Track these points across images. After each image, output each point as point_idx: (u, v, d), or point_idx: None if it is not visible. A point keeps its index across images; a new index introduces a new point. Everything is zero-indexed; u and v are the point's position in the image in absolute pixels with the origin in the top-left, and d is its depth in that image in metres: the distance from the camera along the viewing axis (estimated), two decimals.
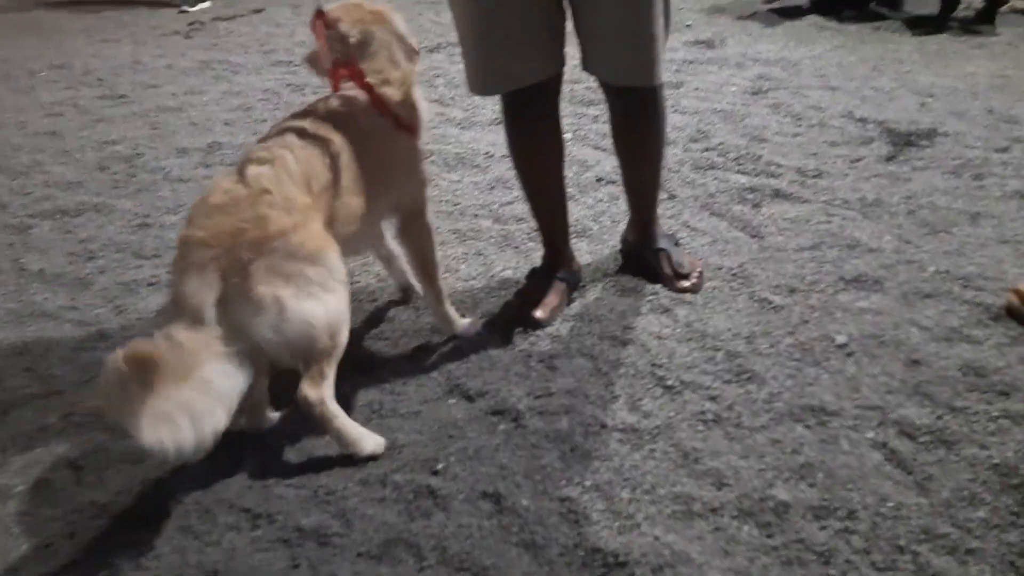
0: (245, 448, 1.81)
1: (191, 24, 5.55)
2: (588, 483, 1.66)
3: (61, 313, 2.35)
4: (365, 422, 1.86)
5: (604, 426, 1.80)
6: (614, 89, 2.05)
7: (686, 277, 2.25)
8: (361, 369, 2.04)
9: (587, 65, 1.99)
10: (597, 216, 2.69)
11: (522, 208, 2.55)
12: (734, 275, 2.30)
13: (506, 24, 1.91)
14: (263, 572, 1.52)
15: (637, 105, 2.07)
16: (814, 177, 2.83)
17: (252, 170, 1.67)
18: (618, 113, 2.11)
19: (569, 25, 1.97)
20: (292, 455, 1.79)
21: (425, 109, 2.01)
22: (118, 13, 6.02)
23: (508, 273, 2.42)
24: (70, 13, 6.21)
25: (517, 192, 2.70)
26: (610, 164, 2.97)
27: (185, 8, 5.10)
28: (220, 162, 3.27)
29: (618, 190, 2.84)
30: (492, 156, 3.15)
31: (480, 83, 2.04)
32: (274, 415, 1.89)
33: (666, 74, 2.11)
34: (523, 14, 1.91)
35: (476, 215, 2.76)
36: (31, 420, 1.94)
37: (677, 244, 2.36)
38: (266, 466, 1.76)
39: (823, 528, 1.52)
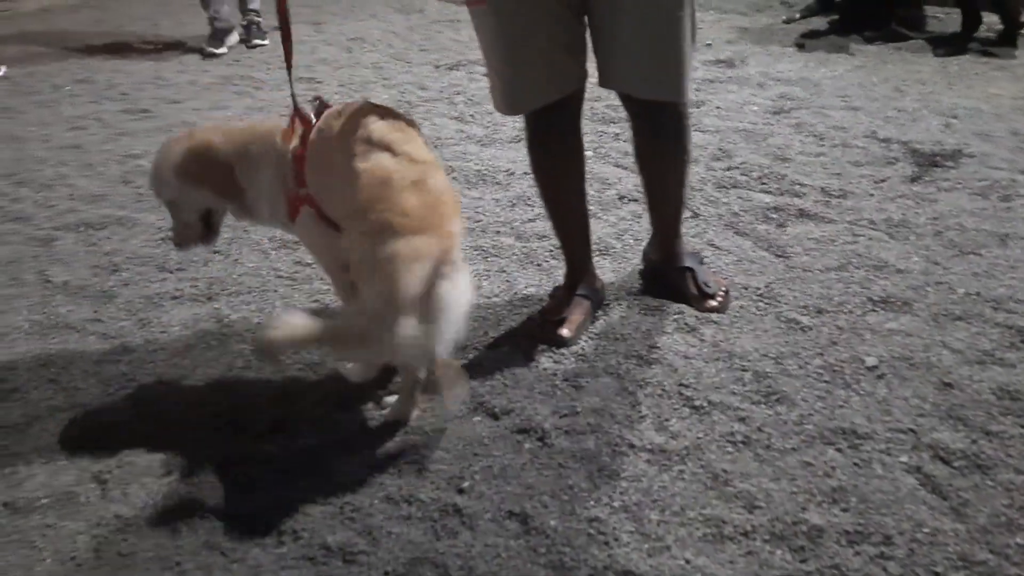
0: (269, 464, 1.80)
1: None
2: (616, 504, 1.64)
3: (85, 325, 2.36)
4: (389, 439, 1.85)
5: (632, 446, 1.78)
6: (638, 104, 2.01)
7: (712, 296, 2.22)
8: (383, 386, 2.03)
9: (608, 80, 1.97)
10: (620, 234, 2.68)
11: (544, 225, 2.54)
12: (760, 295, 2.28)
13: (530, 42, 1.91)
14: None
15: (663, 121, 2.04)
16: (839, 197, 2.81)
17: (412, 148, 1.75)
18: (643, 130, 2.08)
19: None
20: (317, 471, 1.77)
21: None
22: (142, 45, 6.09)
23: (531, 291, 2.41)
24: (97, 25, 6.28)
25: (539, 209, 2.70)
26: (632, 182, 2.96)
27: (211, 51, 5.07)
28: None
29: (640, 208, 2.84)
30: (513, 173, 3.15)
31: (508, 102, 2.04)
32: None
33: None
34: (547, 31, 1.91)
35: (498, 232, 2.75)
36: (54, 432, 1.94)
37: (702, 263, 2.33)
38: (291, 482, 1.75)
39: (858, 554, 1.49)
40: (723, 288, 2.26)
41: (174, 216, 2.00)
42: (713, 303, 2.21)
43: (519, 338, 2.19)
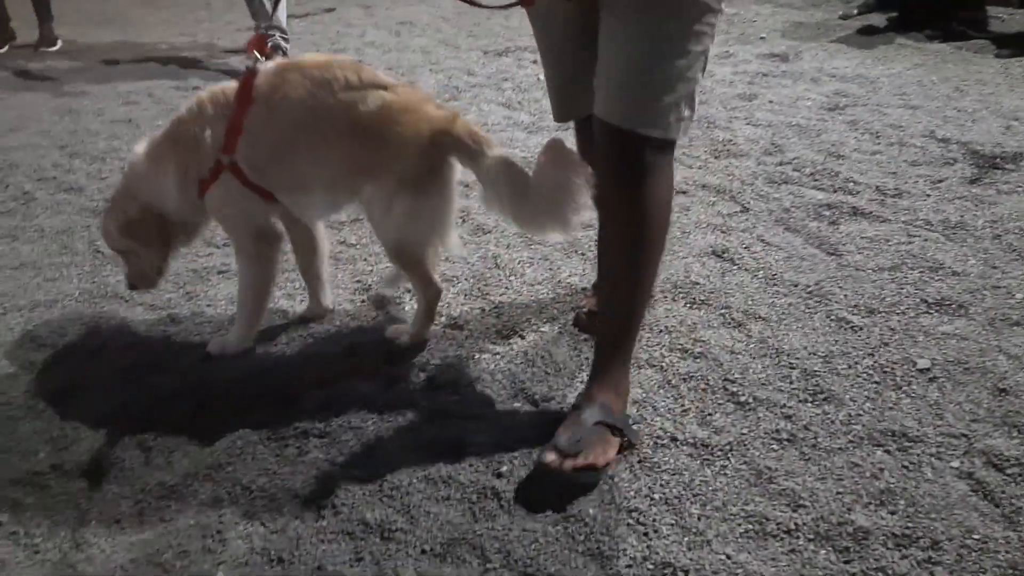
0: (313, 439, 1.81)
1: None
2: (656, 496, 1.62)
3: (133, 296, 2.39)
4: (428, 421, 1.85)
5: (674, 439, 1.75)
6: (602, 134, 1.63)
7: (575, 456, 1.63)
8: (427, 367, 2.03)
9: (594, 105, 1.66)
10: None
11: (590, 215, 2.52)
12: (810, 292, 2.23)
13: (563, 59, 1.85)
14: (327, 563, 1.51)
15: (626, 165, 1.62)
16: (894, 196, 2.74)
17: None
18: (600, 176, 1.67)
19: None
20: (357, 448, 1.78)
21: None
22: (194, 11, 6.17)
23: (574, 279, 2.39)
24: (150, 7, 6.38)
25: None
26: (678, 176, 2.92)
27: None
28: None
29: (689, 200, 2.80)
30: None
31: (554, 112, 1.99)
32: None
33: (737, 86, 2.02)
34: (574, 51, 1.79)
35: None
36: (100, 399, 1.97)
37: (631, 443, 1.72)
38: (332, 458, 1.75)
39: (905, 557, 1.45)
40: (601, 460, 1.65)
41: (128, 263, 2.15)
42: (569, 462, 1.62)
43: (562, 327, 2.17)
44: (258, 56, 2.04)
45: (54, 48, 5.16)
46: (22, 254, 2.65)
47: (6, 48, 5.16)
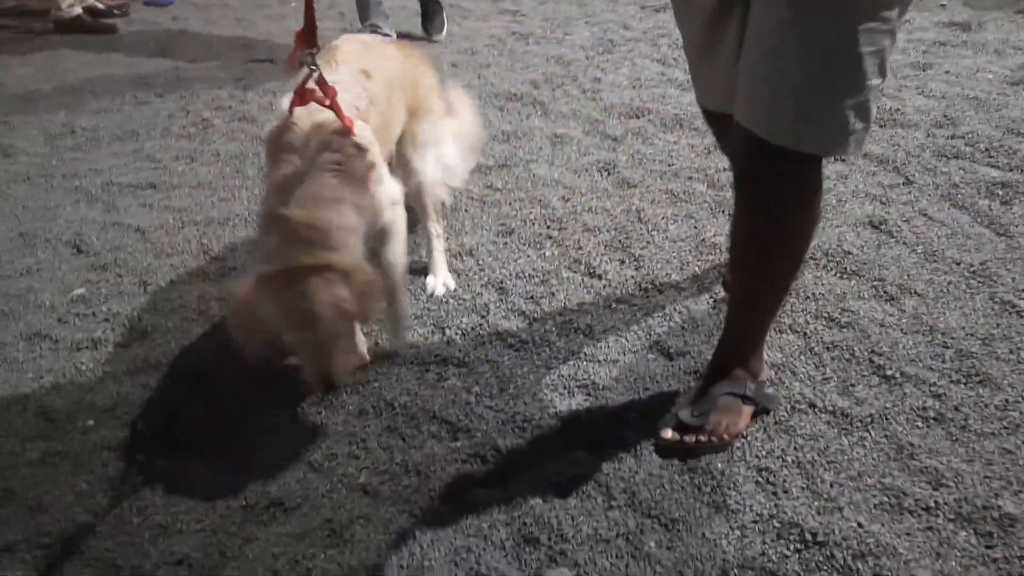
0: (450, 367, 1.89)
1: None
2: (789, 459, 1.60)
3: None
4: (562, 361, 1.89)
5: (812, 405, 1.72)
6: (741, 140, 1.46)
7: (698, 431, 1.63)
8: (564, 312, 2.07)
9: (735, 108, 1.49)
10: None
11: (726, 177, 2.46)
12: (973, 272, 2.11)
13: (693, 35, 1.62)
14: (458, 481, 1.59)
15: (772, 177, 1.46)
16: None
17: None
18: (745, 190, 1.53)
19: None
20: (493, 380, 1.85)
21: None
22: None
23: (719, 239, 2.35)
24: None
25: None
26: None
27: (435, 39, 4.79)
28: None
29: (848, 169, 2.68)
30: None
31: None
32: None
33: (910, 54, 1.82)
34: (703, 41, 1.58)
35: (690, 178, 2.70)
36: None
37: (766, 408, 1.69)
38: (468, 386, 1.83)
39: None
40: (723, 434, 1.63)
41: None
42: (691, 437, 1.62)
43: (702, 284, 2.15)
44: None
45: None
46: (199, 175, 2.87)
47: None
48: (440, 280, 2.19)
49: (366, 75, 1.85)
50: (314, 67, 1.64)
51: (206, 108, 3.44)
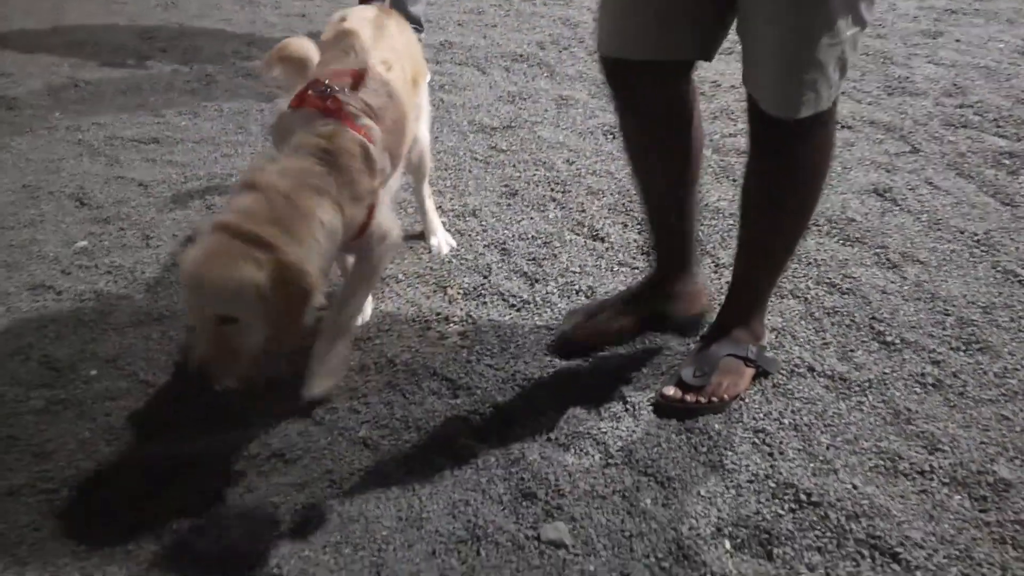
0: (451, 324, 1.90)
1: None
2: (786, 421, 1.61)
3: None
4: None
5: (811, 369, 1.73)
6: (758, 119, 1.51)
7: (699, 391, 1.65)
8: (566, 274, 2.07)
9: (744, 79, 1.52)
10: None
11: (744, 142, 2.45)
12: (977, 241, 2.10)
13: None
14: (456, 436, 1.60)
15: (783, 139, 1.50)
16: None
17: None
18: (756, 145, 1.57)
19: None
20: (494, 339, 1.85)
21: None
22: None
23: (722, 204, 2.35)
24: None
25: (742, 124, 2.59)
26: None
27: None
28: (451, 60, 3.37)
29: (854, 136, 2.66)
30: (720, 85, 3.04)
31: (602, 41, 1.64)
32: None
33: (921, 22, 1.84)
34: None
35: None
36: None
37: (765, 371, 1.71)
38: (470, 345, 1.84)
39: None
40: (724, 394, 1.65)
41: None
42: (692, 396, 1.64)
43: (704, 249, 2.15)
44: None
45: None
46: (202, 130, 2.85)
47: None
48: (443, 239, 2.19)
49: (387, 66, 1.72)
50: (338, 94, 1.57)
51: (209, 64, 3.41)
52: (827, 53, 1.38)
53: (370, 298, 1.92)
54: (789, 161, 1.54)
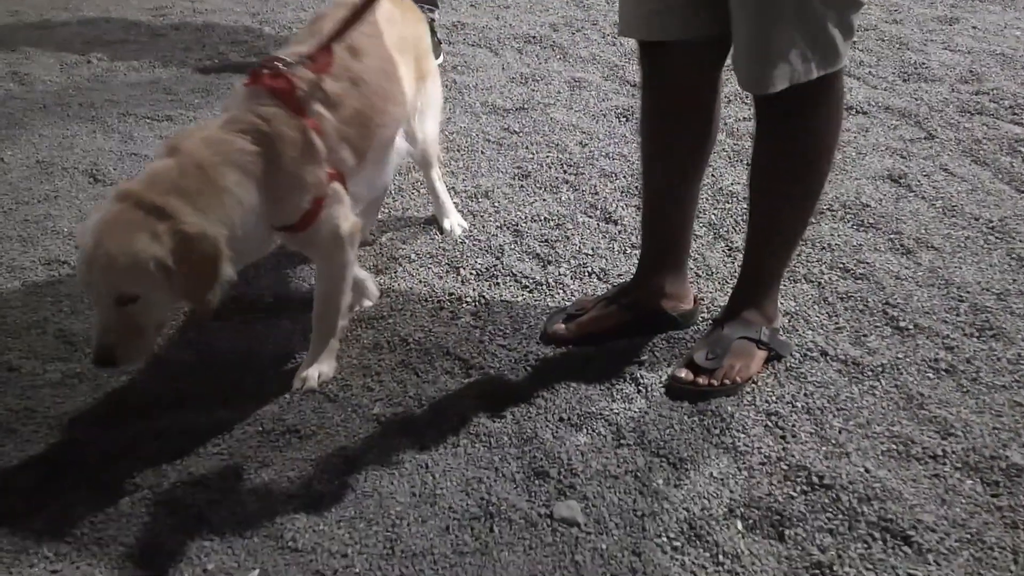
0: (464, 304, 1.91)
1: None
2: (799, 405, 1.61)
3: None
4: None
5: (824, 353, 1.73)
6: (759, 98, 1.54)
7: (711, 374, 1.64)
8: (578, 256, 2.07)
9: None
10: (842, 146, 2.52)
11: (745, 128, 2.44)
12: (992, 228, 2.10)
13: None
14: (470, 416, 1.61)
15: (782, 116, 1.52)
16: None
17: None
18: (759, 124, 1.60)
19: None
20: (506, 319, 1.86)
21: None
22: None
23: (736, 188, 2.34)
24: None
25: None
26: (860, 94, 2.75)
27: None
28: (463, 40, 3.35)
29: (869, 121, 2.65)
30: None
31: (623, 23, 1.65)
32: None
33: (937, 7, 1.81)
34: None
35: None
36: None
37: (778, 355, 1.70)
38: (482, 325, 1.84)
39: None
40: (738, 378, 1.65)
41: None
42: (704, 379, 1.64)
43: (718, 233, 2.15)
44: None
45: None
46: (215, 108, 2.85)
47: None
48: (456, 221, 2.19)
49: (352, 53, 1.64)
50: (282, 64, 1.53)
51: (222, 42, 3.40)
52: (794, 26, 1.39)
53: (372, 278, 1.92)
54: (791, 138, 1.56)
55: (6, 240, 2.14)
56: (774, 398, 1.63)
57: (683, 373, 1.66)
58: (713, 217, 2.21)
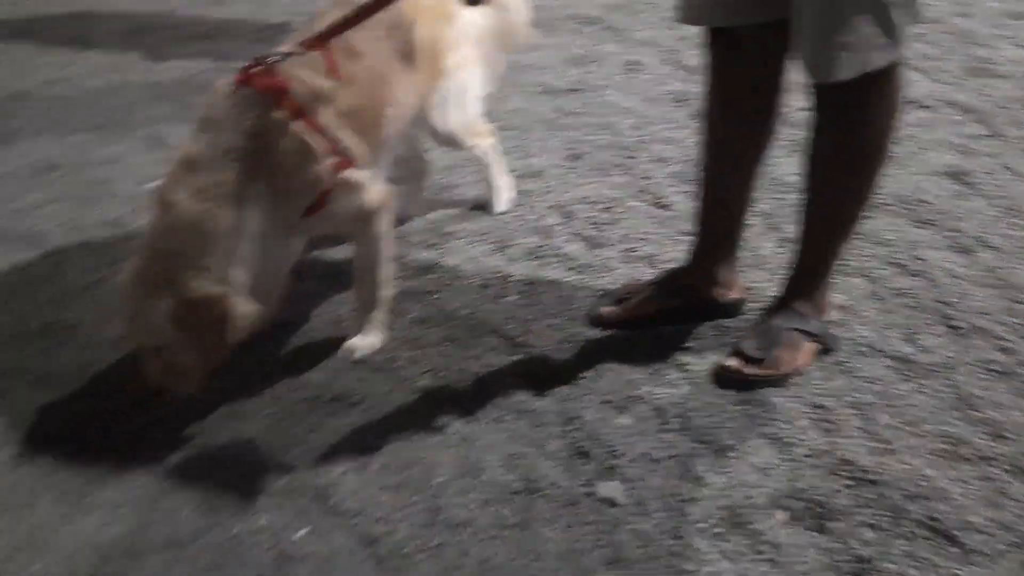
0: (511, 284, 1.91)
1: None
2: (847, 399, 1.59)
3: None
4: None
5: (875, 349, 1.70)
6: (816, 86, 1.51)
7: (760, 363, 1.63)
8: (627, 239, 2.06)
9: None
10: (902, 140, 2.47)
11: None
12: None
13: None
14: (514, 393, 1.62)
15: (840, 105, 1.49)
16: None
17: None
18: (816, 113, 1.55)
19: None
20: (553, 300, 1.86)
21: None
22: None
23: (791, 178, 2.28)
24: None
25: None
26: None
27: None
28: None
29: (931, 116, 2.59)
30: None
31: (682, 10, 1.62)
32: None
33: (1009, 2, 1.77)
34: None
35: None
36: None
37: (827, 347, 1.68)
38: (529, 304, 1.85)
39: None
40: (783, 368, 1.63)
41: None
42: (752, 368, 1.62)
43: (770, 223, 2.12)
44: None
45: None
46: None
47: None
48: (505, 195, 2.19)
49: (350, 53, 1.59)
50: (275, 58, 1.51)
51: (274, 14, 3.43)
52: (866, 8, 1.36)
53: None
54: (850, 130, 1.53)
55: (68, 200, 2.20)
56: (821, 391, 1.61)
57: (732, 362, 1.64)
58: (766, 207, 2.18)
